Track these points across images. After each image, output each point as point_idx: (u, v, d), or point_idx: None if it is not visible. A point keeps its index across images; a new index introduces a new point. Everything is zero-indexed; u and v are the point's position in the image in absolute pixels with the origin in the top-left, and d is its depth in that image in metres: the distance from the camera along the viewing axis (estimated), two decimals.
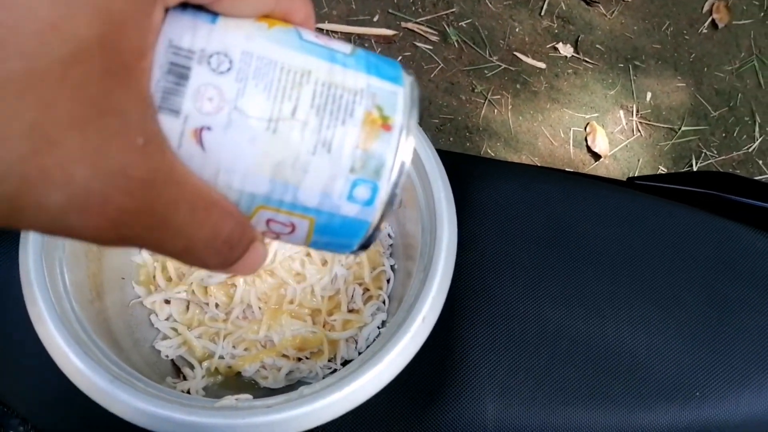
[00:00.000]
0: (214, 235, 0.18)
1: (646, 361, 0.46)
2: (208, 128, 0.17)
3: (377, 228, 0.20)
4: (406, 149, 0.19)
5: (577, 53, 1.35)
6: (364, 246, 0.21)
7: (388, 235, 0.49)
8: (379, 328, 0.46)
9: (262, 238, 0.21)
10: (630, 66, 1.34)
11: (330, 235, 0.20)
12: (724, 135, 1.28)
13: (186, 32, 0.18)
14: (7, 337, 0.45)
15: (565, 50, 1.35)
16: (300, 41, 0.20)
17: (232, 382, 0.45)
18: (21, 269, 0.35)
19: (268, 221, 0.20)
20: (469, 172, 0.54)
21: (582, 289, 0.49)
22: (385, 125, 0.19)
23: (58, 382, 0.42)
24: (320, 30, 1.29)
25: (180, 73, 0.17)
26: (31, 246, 0.36)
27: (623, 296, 0.48)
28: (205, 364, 0.44)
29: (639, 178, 0.60)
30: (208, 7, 0.19)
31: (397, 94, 0.20)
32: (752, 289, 0.49)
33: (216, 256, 0.19)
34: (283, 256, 0.45)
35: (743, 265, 0.51)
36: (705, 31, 1.38)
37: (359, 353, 0.46)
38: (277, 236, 0.21)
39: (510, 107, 1.29)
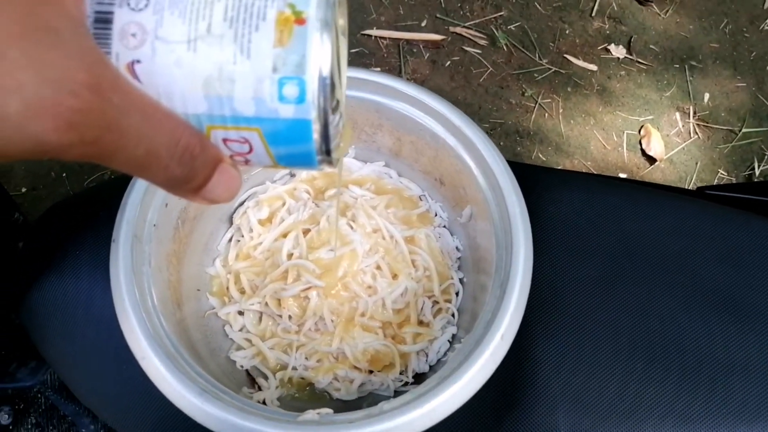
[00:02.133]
0: (172, 140, 0.19)
1: (727, 378, 0.45)
2: (138, 61, 0.19)
3: (325, 130, 0.21)
4: (325, 40, 0.20)
5: (630, 54, 1.32)
6: (327, 154, 0.22)
7: (456, 248, 0.49)
8: (449, 341, 0.46)
9: (231, 162, 0.22)
10: (686, 66, 1.30)
11: (284, 143, 0.21)
12: None
13: None
14: (86, 341, 0.47)
15: (618, 51, 1.32)
16: None
17: (305, 394, 0.45)
18: (113, 286, 0.37)
19: (224, 141, 0.21)
20: (535, 183, 0.54)
21: (656, 302, 0.47)
22: (299, 20, 0.20)
23: (135, 388, 0.44)
24: (368, 36, 1.30)
25: (104, 19, 0.19)
26: (122, 262, 0.37)
27: (699, 309, 0.47)
28: (278, 374, 0.45)
29: (710, 187, 0.59)
30: None
31: None
32: None
33: (180, 165, 0.20)
34: (355, 269, 0.45)
35: None
36: (767, 28, 1.33)
37: (430, 366, 0.46)
38: (245, 160, 0.22)
39: (561, 111, 1.27)
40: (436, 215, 0.50)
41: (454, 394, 0.35)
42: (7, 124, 0.16)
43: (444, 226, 0.50)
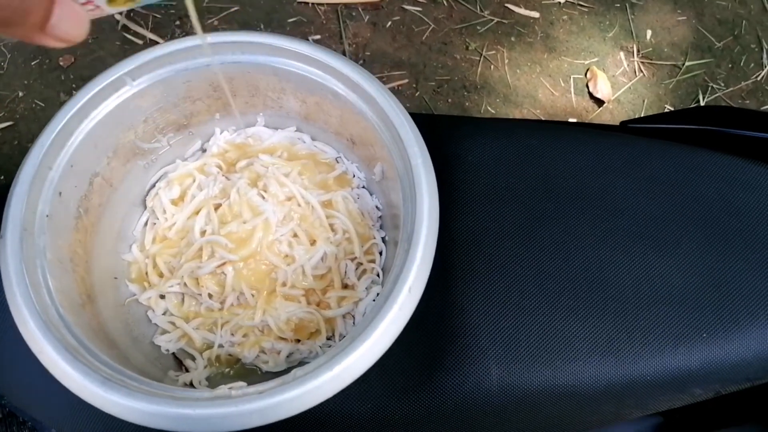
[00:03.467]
0: None
1: (649, 307, 0.45)
2: None
3: None
4: None
5: None
6: None
7: (376, 207, 0.48)
8: (374, 301, 0.45)
9: None
10: (627, 5, 1.30)
11: None
12: (730, 66, 1.24)
13: None
14: (5, 344, 0.46)
15: None
16: None
17: (235, 370, 0.45)
18: (3, 278, 0.35)
19: None
20: (456, 134, 0.53)
21: (578, 239, 0.47)
22: None
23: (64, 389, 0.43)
24: (305, 4, 1.27)
25: None
26: (11, 254, 0.36)
27: (621, 243, 0.47)
28: (206, 354, 0.44)
29: (632, 121, 0.58)
30: None
31: None
32: (755, 224, 0.48)
33: None
34: (270, 239, 0.44)
35: (745, 200, 0.49)
36: None
37: None
38: None
39: (506, 61, 1.26)
40: (354, 177, 0.49)
41: (364, 352, 0.35)
42: None
43: (363, 187, 0.49)
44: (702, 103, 1.20)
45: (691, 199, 0.49)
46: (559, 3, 1.30)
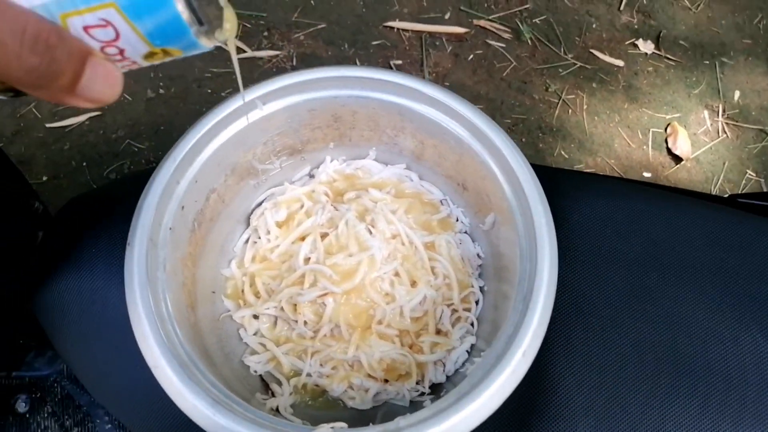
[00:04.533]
0: (16, 27, 0.18)
1: (757, 395, 0.43)
2: None
3: None
4: None
5: (659, 50, 1.28)
6: (199, 23, 0.20)
7: (478, 255, 0.48)
8: (468, 352, 0.45)
9: (104, 56, 0.21)
10: (716, 63, 1.27)
11: (146, 14, 0.20)
12: None
13: None
14: (101, 341, 0.47)
15: (646, 47, 1.29)
16: None
17: (319, 401, 0.45)
18: (127, 292, 0.36)
19: (85, 29, 0.20)
20: (557, 187, 0.52)
21: (684, 314, 0.46)
22: None
23: (149, 391, 0.44)
24: (390, 28, 1.28)
25: None
26: (136, 267, 0.36)
27: (729, 325, 0.45)
28: (292, 381, 0.44)
29: (742, 195, 0.56)
30: None
31: None
32: None
33: (33, 53, 0.18)
34: (373, 276, 0.44)
35: None
36: None
37: (447, 377, 0.45)
38: (119, 51, 0.21)
39: (585, 107, 1.24)
40: (457, 220, 0.49)
41: (473, 411, 0.34)
42: None
43: (465, 232, 0.49)
44: None
45: None
46: (646, 54, 1.28)
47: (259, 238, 0.48)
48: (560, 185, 0.52)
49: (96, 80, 0.21)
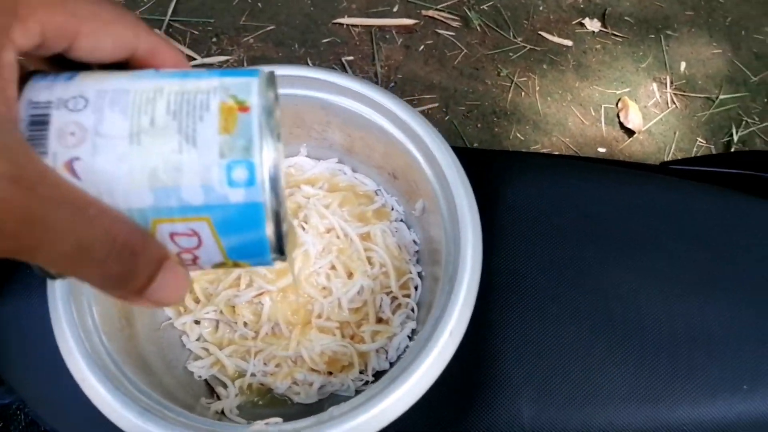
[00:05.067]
0: (109, 236, 0.18)
1: (689, 355, 0.44)
2: (77, 158, 0.19)
3: (277, 215, 0.20)
4: (269, 125, 0.20)
5: (605, 27, 1.30)
6: (279, 246, 0.21)
7: (414, 241, 0.48)
8: (409, 337, 0.45)
9: (178, 260, 0.21)
10: (661, 36, 1.29)
11: (235, 231, 0.20)
12: (765, 100, 1.22)
13: (43, 90, 0.20)
14: (43, 361, 0.46)
15: (592, 25, 1.30)
16: (154, 72, 0.21)
17: (266, 400, 0.45)
18: (50, 306, 0.36)
19: (171, 236, 0.20)
20: (495, 169, 0.53)
21: (618, 283, 0.47)
22: (243, 108, 0.20)
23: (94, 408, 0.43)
24: (340, 25, 1.28)
25: (40, 121, 0.19)
26: (58, 282, 0.36)
27: (661, 288, 0.46)
28: (237, 382, 0.44)
29: (673, 162, 0.58)
30: (66, 55, 0.20)
31: (250, 83, 0.21)
32: None
33: (118, 262, 0.19)
34: (308, 271, 0.44)
35: None
36: None
37: (390, 363, 0.45)
38: (194, 258, 0.21)
39: (537, 89, 1.25)
40: (392, 209, 0.49)
41: (403, 394, 0.34)
42: None
43: (401, 220, 0.49)
44: (735, 138, 1.18)
45: (735, 247, 0.48)
46: (593, 32, 1.30)
47: None
48: (495, 167, 0.53)
49: (166, 284, 0.21)
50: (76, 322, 0.35)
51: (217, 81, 0.21)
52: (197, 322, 0.46)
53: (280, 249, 0.21)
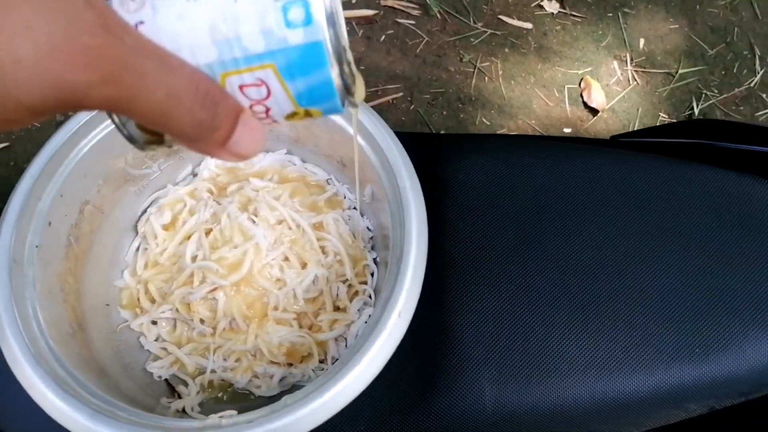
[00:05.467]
0: (192, 84, 0.19)
1: (643, 324, 0.45)
2: (141, 22, 0.19)
3: (338, 53, 0.20)
4: None
5: (564, 8, 1.31)
6: (345, 86, 0.21)
7: (368, 228, 0.48)
8: (366, 323, 0.45)
9: (251, 113, 0.22)
10: (619, 14, 1.30)
11: (300, 74, 0.21)
12: (723, 73, 1.24)
13: None
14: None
15: (551, 7, 1.31)
16: None
17: (228, 395, 0.45)
18: None
19: (241, 88, 0.21)
20: (449, 152, 0.53)
21: (571, 257, 0.47)
22: None
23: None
24: None
25: None
26: (0, 289, 0.36)
27: (613, 259, 0.47)
28: (198, 380, 0.44)
29: (623, 135, 0.58)
30: None
31: None
32: (748, 236, 0.48)
33: (203, 109, 0.20)
34: (261, 264, 0.44)
35: (737, 212, 0.49)
36: None
37: None
38: (266, 110, 0.22)
39: (500, 73, 1.26)
40: (345, 198, 0.49)
41: (355, 377, 0.35)
42: (21, 66, 0.16)
43: (354, 208, 0.49)
44: (696, 111, 1.20)
45: (682, 214, 0.49)
46: (552, 14, 1.31)
47: (149, 244, 0.47)
48: (448, 149, 0.53)
49: (244, 136, 0.21)
50: (20, 328, 0.35)
51: None
52: (154, 323, 0.46)
53: (347, 89, 0.22)
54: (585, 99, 1.23)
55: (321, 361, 0.45)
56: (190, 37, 0.20)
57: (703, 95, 1.22)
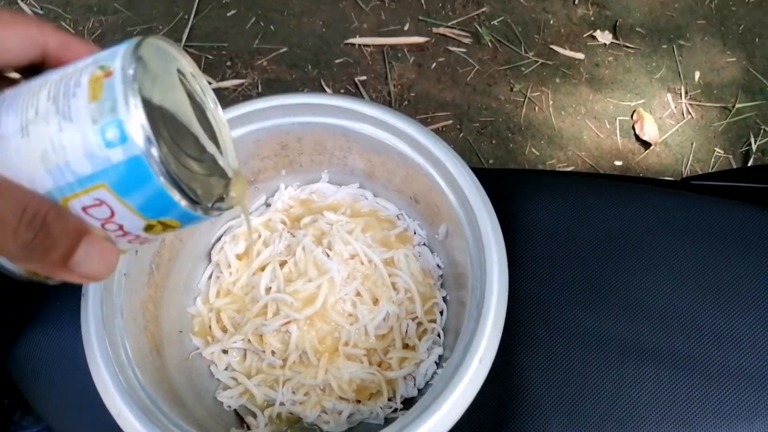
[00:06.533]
0: (19, 205, 0.20)
1: (721, 378, 0.43)
2: None
3: (165, 164, 0.21)
4: (134, 83, 0.21)
5: (617, 39, 1.30)
6: (181, 190, 0.22)
7: (437, 265, 0.48)
8: (436, 363, 0.45)
9: (104, 234, 0.23)
10: (674, 46, 1.29)
11: (133, 190, 0.21)
12: None
13: None
14: (75, 393, 0.47)
15: (604, 37, 1.31)
16: (48, 72, 0.23)
17: (296, 429, 0.45)
18: (84, 340, 0.36)
19: (84, 210, 0.22)
20: (513, 190, 0.53)
21: (643, 302, 0.46)
22: (107, 74, 0.21)
23: None
24: (352, 45, 1.30)
25: None
26: (92, 317, 0.37)
27: (687, 307, 0.46)
28: (266, 412, 0.44)
29: (695, 177, 0.57)
30: None
31: (117, 51, 0.22)
32: None
33: (29, 229, 0.20)
34: (334, 299, 0.44)
35: None
36: (753, 0, 1.30)
37: (419, 390, 0.45)
38: (119, 227, 0.23)
39: (551, 103, 1.25)
40: (415, 233, 0.49)
41: (436, 422, 0.34)
42: None
43: (424, 244, 0.49)
44: (753, 147, 1.17)
45: (759, 261, 0.48)
46: (605, 44, 1.30)
47: (221, 272, 0.48)
48: (512, 187, 0.53)
49: (90, 257, 0.22)
50: (111, 356, 0.36)
51: (91, 58, 0.22)
52: (225, 352, 0.47)
53: (188, 197, 0.22)
54: (637, 132, 1.21)
55: (389, 399, 0.45)
56: (27, 169, 0.21)
57: (762, 131, 1.19)
